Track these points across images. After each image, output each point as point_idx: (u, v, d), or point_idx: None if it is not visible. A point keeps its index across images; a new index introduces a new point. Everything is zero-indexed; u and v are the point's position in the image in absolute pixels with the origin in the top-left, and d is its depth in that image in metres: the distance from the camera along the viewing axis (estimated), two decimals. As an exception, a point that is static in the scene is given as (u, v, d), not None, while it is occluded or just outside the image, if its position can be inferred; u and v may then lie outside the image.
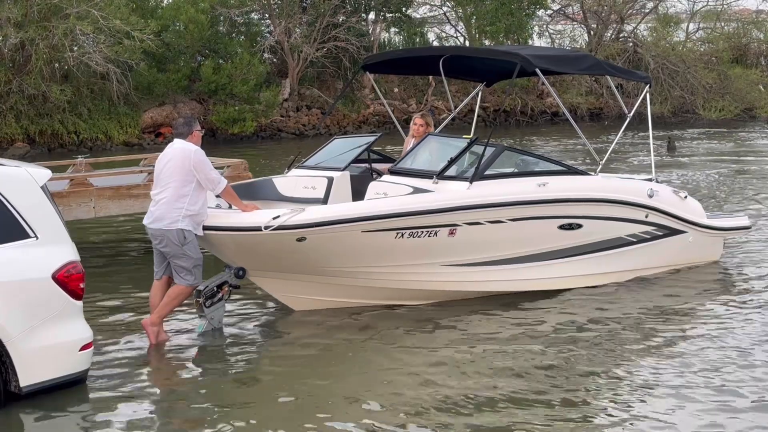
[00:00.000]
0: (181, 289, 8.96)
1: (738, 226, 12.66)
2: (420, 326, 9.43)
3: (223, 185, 8.94)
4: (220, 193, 9.03)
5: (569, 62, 12.20)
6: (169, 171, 8.82)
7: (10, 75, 26.19)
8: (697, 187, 18.90)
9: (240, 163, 13.86)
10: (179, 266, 8.88)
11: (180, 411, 7.33)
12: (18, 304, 6.91)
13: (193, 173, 8.74)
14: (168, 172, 8.83)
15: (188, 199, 8.76)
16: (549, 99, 36.35)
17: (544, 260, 10.43)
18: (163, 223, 8.78)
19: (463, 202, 9.60)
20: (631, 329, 9.35)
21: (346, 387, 7.87)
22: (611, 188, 10.99)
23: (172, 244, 8.79)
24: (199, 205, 8.85)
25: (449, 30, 40.55)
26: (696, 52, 38.86)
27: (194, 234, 8.86)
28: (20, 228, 7.07)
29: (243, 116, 29.88)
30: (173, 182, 8.76)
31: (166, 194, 8.80)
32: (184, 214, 8.75)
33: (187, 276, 8.90)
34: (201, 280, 9.06)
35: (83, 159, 13.81)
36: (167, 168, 8.85)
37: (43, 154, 26.21)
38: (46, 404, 7.15)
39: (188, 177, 8.75)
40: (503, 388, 7.67)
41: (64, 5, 25.75)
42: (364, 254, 9.42)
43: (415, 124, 11.17)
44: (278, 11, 33.22)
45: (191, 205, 8.78)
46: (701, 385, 7.70)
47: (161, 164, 8.96)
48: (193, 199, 8.78)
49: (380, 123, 33.50)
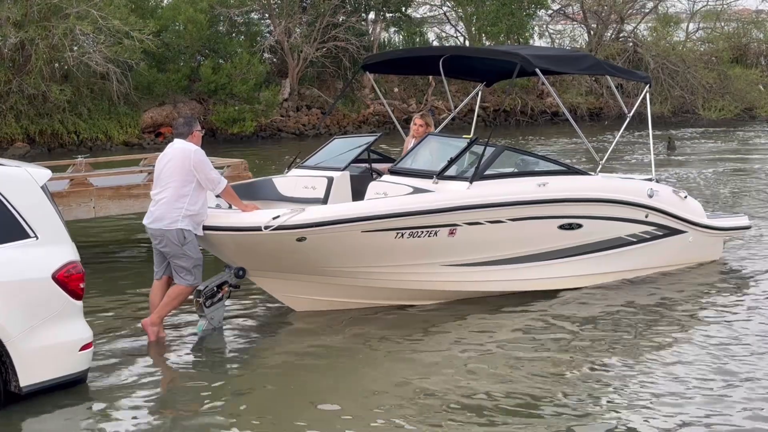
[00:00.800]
0: (181, 289, 8.96)
1: (738, 226, 12.67)
2: (419, 326, 9.43)
3: (223, 185, 8.95)
4: (220, 193, 9.03)
5: (569, 62, 12.21)
6: (169, 171, 8.82)
7: (10, 75, 26.18)
8: (697, 187, 18.90)
9: (240, 163, 13.86)
10: (179, 266, 8.88)
11: (179, 411, 7.32)
12: (18, 304, 6.90)
13: (193, 173, 8.75)
14: (168, 172, 8.82)
15: (188, 199, 8.76)
16: (549, 99, 36.35)
17: (544, 260, 10.43)
18: (163, 223, 8.78)
19: (463, 202, 9.60)
20: (631, 329, 9.35)
21: (346, 387, 7.86)
22: (611, 188, 10.99)
23: (171, 244, 8.79)
24: (199, 205, 8.85)
25: (449, 30, 40.59)
26: (696, 52, 38.86)
27: (194, 234, 8.86)
28: (20, 228, 7.06)
29: (243, 116, 29.88)
30: (173, 182, 8.76)
31: (166, 194, 8.80)
32: (183, 214, 8.75)
33: (186, 276, 8.90)
34: (201, 280, 9.06)
35: (83, 159, 13.81)
36: (167, 168, 8.85)
37: (43, 154, 26.21)
38: (46, 404, 7.15)
39: (188, 177, 8.75)
40: (503, 389, 7.66)
41: (63, 5, 25.75)
42: (364, 254, 9.41)
43: (415, 124, 11.17)
44: (278, 11, 33.22)
45: (191, 205, 8.78)
46: (702, 385, 7.70)
47: (161, 164, 8.96)
48: (193, 199, 8.78)
49: (380, 123, 33.49)
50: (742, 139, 30.56)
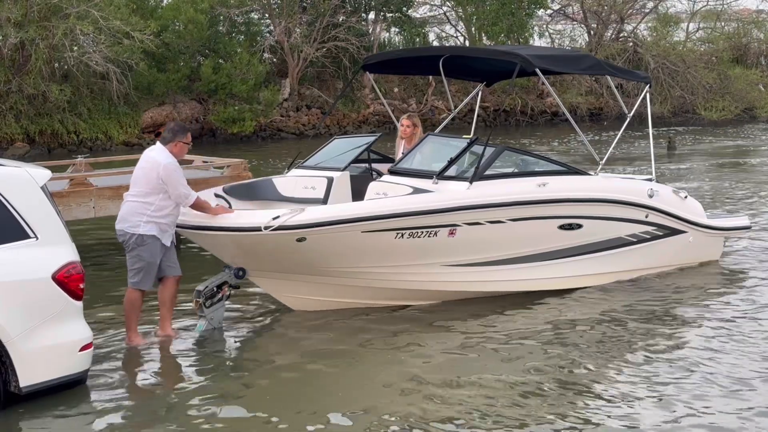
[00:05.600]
0: (128, 292, 8.89)
1: (738, 226, 12.67)
2: (419, 327, 9.43)
3: (191, 200, 8.76)
4: (191, 206, 8.87)
5: (569, 62, 12.21)
6: (138, 176, 8.84)
7: (9, 75, 26.19)
8: (697, 187, 18.90)
9: (240, 163, 13.85)
10: (129, 265, 8.84)
11: (180, 411, 7.32)
12: (18, 304, 6.90)
13: (162, 185, 8.70)
14: (138, 177, 8.84)
15: (153, 207, 8.69)
16: (549, 99, 36.35)
17: (544, 260, 10.42)
18: (126, 225, 8.78)
19: (463, 202, 9.59)
20: (631, 330, 9.35)
21: (346, 388, 7.86)
22: (611, 188, 10.99)
23: (130, 243, 8.77)
24: (165, 212, 8.72)
25: (449, 30, 40.59)
26: (696, 52, 38.88)
27: (158, 240, 8.76)
28: (20, 228, 7.06)
29: (242, 116, 29.89)
30: (142, 188, 8.75)
31: (133, 198, 8.81)
32: (146, 220, 8.70)
33: (133, 276, 8.84)
34: (147, 285, 8.88)
35: (83, 159, 13.81)
36: (139, 173, 8.85)
37: (43, 154, 26.22)
38: (46, 404, 7.15)
39: (155, 188, 8.69)
40: (504, 388, 7.66)
41: (64, 5, 25.76)
42: (364, 254, 9.41)
43: (402, 125, 11.26)
44: (278, 11, 33.22)
45: (156, 211, 8.68)
46: (702, 386, 7.70)
47: (137, 167, 8.97)
48: (159, 207, 8.69)
49: (380, 123, 33.50)
50: (742, 139, 30.57)
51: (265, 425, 7.04)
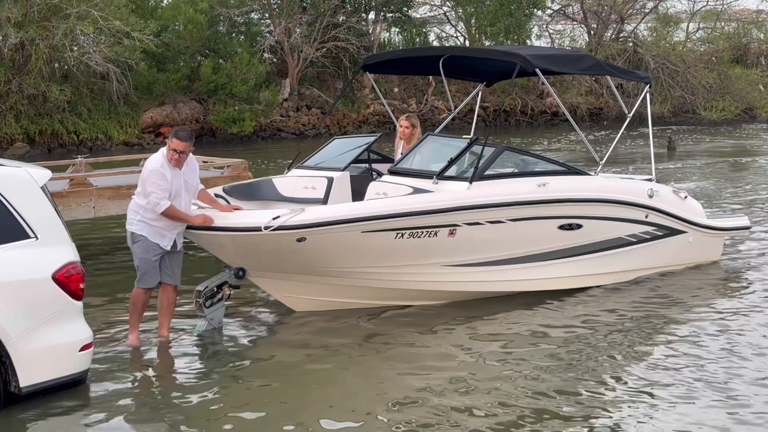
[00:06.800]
0: (133, 291, 8.92)
1: (738, 226, 12.67)
2: (419, 327, 9.42)
3: (162, 208, 8.60)
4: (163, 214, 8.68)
5: (569, 62, 12.20)
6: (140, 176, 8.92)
7: (10, 75, 26.20)
8: (697, 187, 18.90)
9: (240, 163, 13.85)
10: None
11: (180, 411, 7.32)
12: (18, 304, 6.89)
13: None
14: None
15: (143, 209, 8.68)
16: (549, 99, 36.36)
17: (544, 260, 10.42)
18: (127, 222, 8.88)
19: (463, 202, 9.59)
20: (631, 330, 9.35)
21: (346, 388, 7.87)
22: (611, 188, 10.99)
23: (128, 240, 8.85)
24: (154, 215, 8.64)
25: (449, 30, 40.60)
26: (696, 52, 38.89)
27: (149, 240, 8.72)
28: (20, 228, 7.06)
29: (242, 116, 29.89)
30: (139, 188, 8.80)
31: (135, 197, 8.88)
32: (139, 219, 8.73)
33: (137, 275, 8.89)
34: (147, 284, 8.86)
35: (83, 159, 13.80)
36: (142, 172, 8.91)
37: (43, 154, 26.22)
38: (46, 404, 7.15)
39: (144, 190, 8.72)
40: (504, 388, 7.66)
41: (64, 5, 25.76)
42: (364, 254, 9.41)
43: (401, 126, 11.25)
44: (278, 11, 33.23)
45: (146, 213, 8.67)
46: (702, 386, 7.70)
47: None
48: (147, 210, 8.66)
49: (380, 123, 33.52)
50: (742, 139, 30.57)
51: (264, 425, 7.04)
